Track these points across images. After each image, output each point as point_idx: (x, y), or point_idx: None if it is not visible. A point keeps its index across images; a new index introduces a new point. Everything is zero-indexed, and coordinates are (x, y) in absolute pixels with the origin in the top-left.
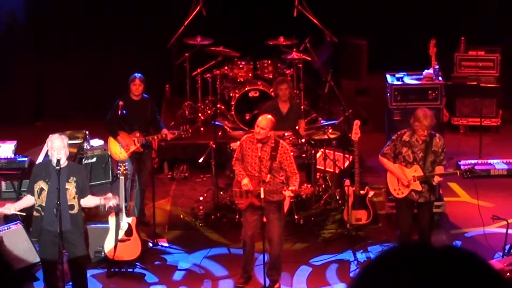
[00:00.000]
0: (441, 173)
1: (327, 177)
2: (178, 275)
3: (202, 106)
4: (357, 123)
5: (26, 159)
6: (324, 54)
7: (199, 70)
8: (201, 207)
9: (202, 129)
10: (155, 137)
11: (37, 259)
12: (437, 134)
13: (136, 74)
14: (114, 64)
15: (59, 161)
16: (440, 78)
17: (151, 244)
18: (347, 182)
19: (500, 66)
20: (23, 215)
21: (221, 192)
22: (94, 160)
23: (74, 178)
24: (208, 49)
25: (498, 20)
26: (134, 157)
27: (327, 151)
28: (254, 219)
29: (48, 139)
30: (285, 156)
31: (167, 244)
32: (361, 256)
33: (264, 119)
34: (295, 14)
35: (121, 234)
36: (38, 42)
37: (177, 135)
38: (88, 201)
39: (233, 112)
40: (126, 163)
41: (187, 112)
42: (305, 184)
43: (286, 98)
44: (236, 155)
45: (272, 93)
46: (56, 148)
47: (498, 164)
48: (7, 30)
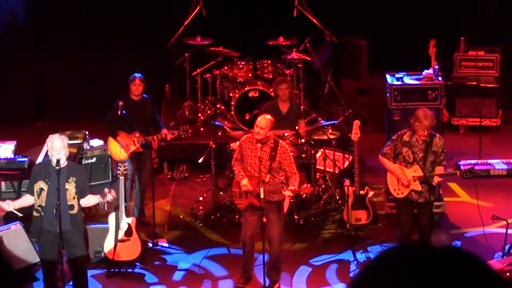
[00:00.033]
0: (441, 173)
1: (327, 177)
2: (178, 275)
3: (202, 106)
4: (357, 123)
5: (26, 159)
6: (324, 54)
7: (199, 70)
8: (201, 207)
9: (202, 129)
10: (155, 137)
11: (37, 259)
12: (437, 134)
13: (136, 74)
14: (114, 64)
15: (59, 161)
16: (440, 78)
17: (151, 244)
18: (347, 182)
19: (500, 66)
20: (20, 216)
21: (221, 192)
22: (94, 160)
23: (74, 178)
24: (208, 49)
25: (498, 20)
26: (134, 157)
27: (327, 151)
28: (254, 219)
29: (48, 139)
30: (285, 156)
31: (167, 244)
32: (361, 256)
33: (264, 119)
34: (295, 14)
35: (121, 234)
36: (38, 42)
37: (177, 135)
38: (88, 201)
39: (233, 112)
40: (126, 163)
41: (187, 112)
42: (305, 184)
43: (286, 98)
44: (236, 156)
45: (272, 93)
46: (56, 148)
47: (498, 164)
48: (7, 30)
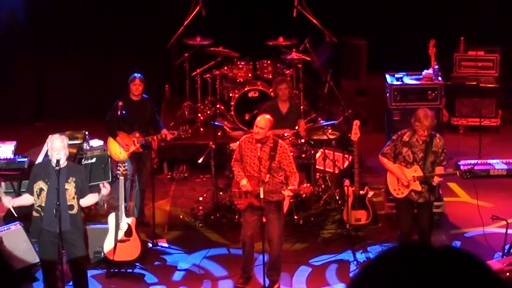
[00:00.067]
0: (441, 174)
1: (327, 177)
2: (178, 276)
3: (202, 107)
4: (357, 123)
5: (26, 160)
6: (324, 54)
7: (199, 71)
8: (201, 208)
9: (202, 130)
10: (155, 138)
11: (37, 260)
12: (438, 135)
13: (136, 74)
14: (114, 64)
15: (59, 162)
16: (440, 78)
17: (151, 245)
18: (347, 182)
19: (500, 66)
20: (16, 215)
21: (221, 193)
22: (94, 161)
23: (74, 178)
24: (208, 49)
25: (498, 20)
26: (134, 158)
27: (327, 151)
28: (254, 220)
29: (48, 139)
30: (284, 156)
31: (167, 245)
32: (361, 256)
33: (263, 119)
34: (295, 14)
35: (121, 235)
36: (38, 42)
37: (177, 136)
38: (88, 200)
39: (233, 113)
40: (126, 164)
41: (187, 113)
42: (305, 183)
43: (286, 98)
44: (235, 156)
45: (272, 93)
46: (56, 149)
47: (498, 164)
48: (7, 30)
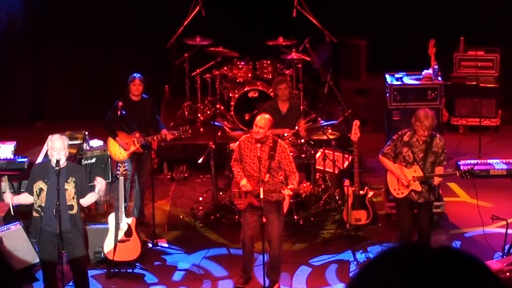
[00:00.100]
0: (441, 174)
1: (327, 178)
2: (178, 276)
3: (202, 107)
4: (357, 123)
5: (26, 160)
6: (323, 54)
7: (199, 71)
8: (201, 208)
9: (202, 130)
10: (155, 138)
11: (37, 260)
12: (438, 135)
13: (136, 74)
14: (114, 64)
15: (59, 162)
16: (440, 78)
17: (151, 245)
18: (347, 182)
19: (500, 66)
20: (12, 214)
21: (221, 193)
22: (94, 161)
23: (73, 178)
24: (208, 50)
25: (498, 20)
26: (134, 158)
27: (327, 152)
28: (254, 220)
29: (49, 139)
30: (284, 155)
31: (167, 245)
32: (361, 257)
33: (262, 119)
34: (294, 15)
35: (121, 235)
36: (38, 42)
37: (177, 136)
38: (87, 199)
39: (233, 113)
40: (126, 164)
41: (187, 113)
42: (304, 182)
43: (285, 98)
44: (235, 156)
45: (272, 93)
46: (56, 149)
47: (498, 164)
48: (7, 30)
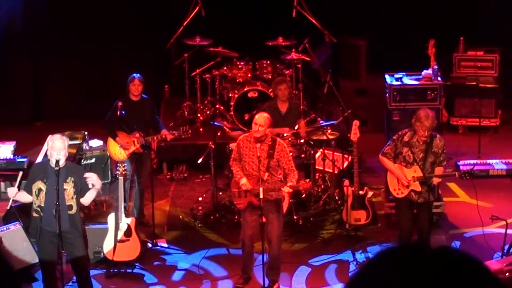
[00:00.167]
0: (440, 174)
1: (326, 178)
2: (177, 276)
3: (201, 107)
4: (356, 124)
5: (25, 160)
6: (323, 55)
7: (198, 71)
8: (200, 208)
9: (201, 130)
10: (155, 138)
11: (36, 260)
12: (438, 135)
13: (135, 75)
14: (114, 64)
15: (58, 162)
16: (439, 78)
17: (150, 245)
18: (346, 183)
19: (499, 66)
20: (10, 212)
21: (220, 193)
22: (93, 161)
23: (72, 178)
24: (207, 50)
25: (498, 20)
26: (134, 158)
27: (326, 152)
28: (253, 219)
29: (49, 139)
30: (283, 154)
31: (166, 245)
32: (360, 257)
33: (261, 117)
34: (294, 15)
35: (120, 235)
36: (38, 42)
37: (177, 136)
38: (87, 198)
39: (232, 113)
40: (125, 164)
41: (186, 113)
42: (304, 180)
43: (285, 98)
44: (234, 155)
45: (271, 94)
46: (57, 149)
47: (497, 164)
48: (7, 30)
